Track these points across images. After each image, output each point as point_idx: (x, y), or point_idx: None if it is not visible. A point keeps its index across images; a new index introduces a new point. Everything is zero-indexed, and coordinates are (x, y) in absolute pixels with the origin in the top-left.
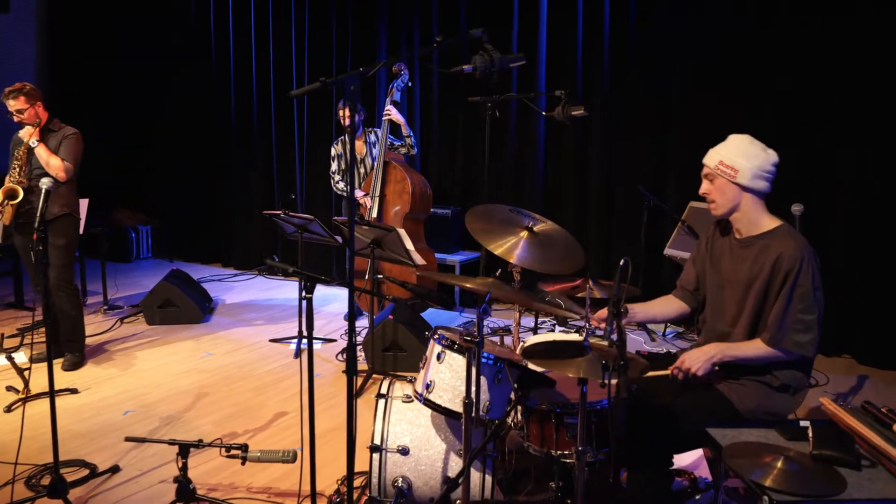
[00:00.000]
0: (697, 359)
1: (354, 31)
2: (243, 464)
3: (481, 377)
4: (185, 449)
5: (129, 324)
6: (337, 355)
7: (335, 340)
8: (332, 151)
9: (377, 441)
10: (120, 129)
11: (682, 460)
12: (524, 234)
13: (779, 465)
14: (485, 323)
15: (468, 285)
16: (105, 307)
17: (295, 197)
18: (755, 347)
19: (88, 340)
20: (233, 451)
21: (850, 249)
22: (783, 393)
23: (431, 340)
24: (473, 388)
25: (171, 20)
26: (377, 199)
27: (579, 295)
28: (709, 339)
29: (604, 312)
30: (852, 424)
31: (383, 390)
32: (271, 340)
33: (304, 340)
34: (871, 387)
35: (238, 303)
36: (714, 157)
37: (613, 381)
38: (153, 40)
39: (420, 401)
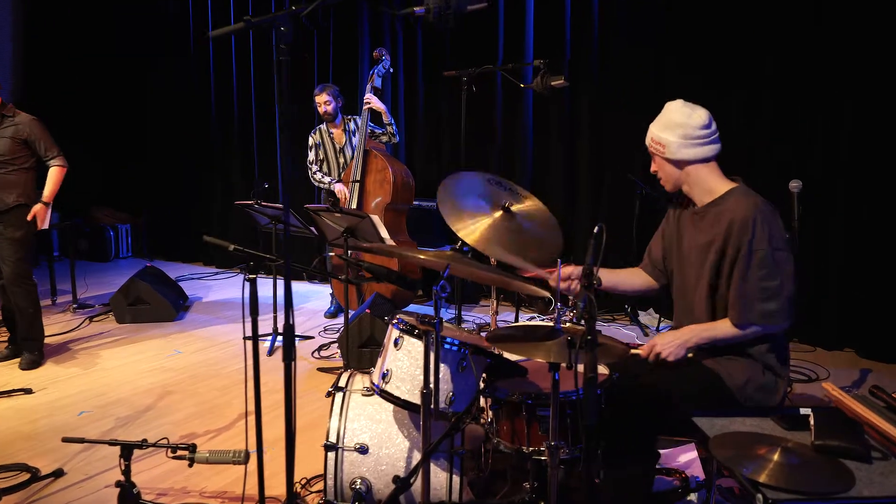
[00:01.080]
0: (669, 342)
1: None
2: (190, 465)
3: (443, 365)
4: (127, 450)
5: (99, 322)
6: (313, 353)
7: (312, 337)
8: (310, 140)
9: (333, 439)
10: (99, 126)
11: (672, 458)
12: (499, 214)
13: (775, 457)
14: (470, 319)
15: (421, 256)
16: (74, 306)
17: (269, 185)
18: (728, 328)
19: (52, 339)
20: (179, 452)
21: (851, 236)
22: (771, 372)
23: (390, 325)
24: (432, 377)
25: (149, 15)
26: (357, 190)
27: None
28: (679, 323)
29: (570, 269)
30: (860, 412)
31: (342, 382)
32: (245, 338)
33: (280, 337)
34: (875, 381)
35: (216, 300)
36: (648, 134)
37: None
38: (131, 35)
39: (376, 392)
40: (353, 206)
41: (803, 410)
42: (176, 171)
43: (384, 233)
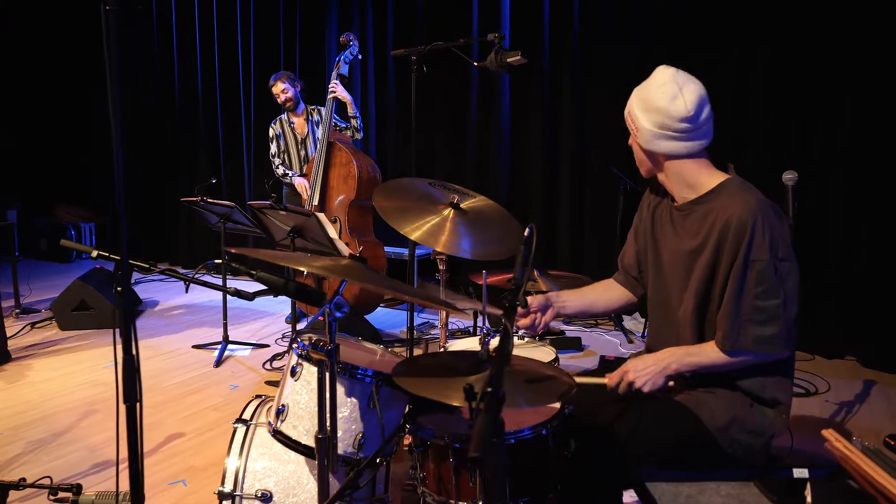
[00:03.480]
0: (646, 369)
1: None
2: None
3: (351, 399)
4: (2, 492)
5: (40, 329)
6: (265, 363)
7: (268, 346)
8: (270, 132)
9: (229, 485)
10: (62, 121)
11: None
12: (449, 212)
13: None
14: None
15: (301, 268)
16: (17, 311)
17: (217, 181)
18: (716, 353)
19: None
20: (61, 494)
21: (853, 233)
22: (762, 405)
23: (290, 349)
24: (329, 417)
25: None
26: (319, 185)
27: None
28: (654, 344)
29: (534, 301)
30: (874, 476)
31: (247, 413)
32: (194, 347)
33: (230, 346)
34: (880, 394)
35: (174, 304)
36: (629, 103)
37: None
38: (94, 28)
39: (271, 433)
40: (315, 203)
41: (797, 472)
42: (142, 168)
43: (332, 232)
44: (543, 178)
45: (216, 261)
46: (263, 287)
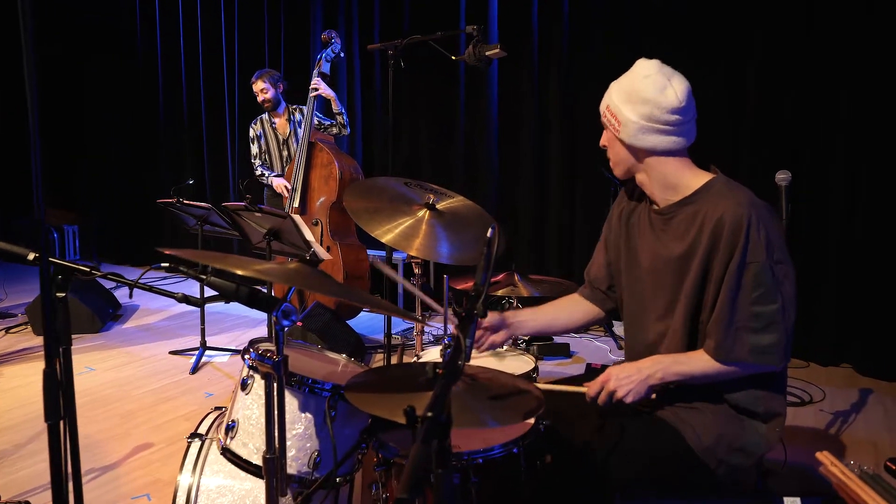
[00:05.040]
0: (628, 378)
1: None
2: None
3: (305, 415)
4: None
5: (15, 334)
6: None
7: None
8: (251, 132)
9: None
10: (48, 122)
11: None
12: (424, 213)
13: None
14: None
15: (238, 271)
16: None
17: (193, 182)
18: (706, 362)
19: None
20: None
21: (849, 236)
22: (754, 419)
23: (242, 359)
24: (276, 435)
25: (95, 8)
26: (300, 186)
27: (500, 292)
28: (631, 359)
29: (492, 317)
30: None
31: (203, 427)
32: (171, 353)
33: (208, 352)
34: (876, 404)
35: (155, 308)
36: (605, 98)
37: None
38: (77, 29)
39: (220, 451)
40: (296, 205)
41: (789, 501)
42: (127, 170)
43: (309, 235)
44: (533, 180)
45: (163, 263)
46: (214, 293)
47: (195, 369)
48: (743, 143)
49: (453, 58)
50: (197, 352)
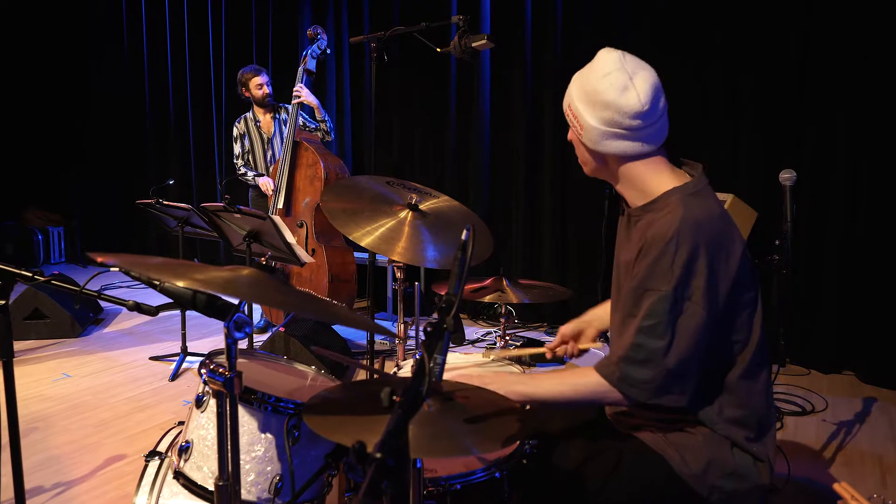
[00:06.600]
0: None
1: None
2: None
3: (265, 436)
4: None
5: None
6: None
7: None
8: (234, 131)
9: None
10: (34, 123)
11: None
12: (406, 214)
13: None
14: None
15: (179, 282)
16: None
17: (173, 182)
18: (558, 384)
19: None
20: None
21: (852, 238)
22: (741, 450)
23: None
24: (231, 458)
25: (81, 9)
26: (284, 187)
27: (486, 298)
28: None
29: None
30: None
31: (163, 445)
32: (151, 358)
33: (189, 358)
34: (881, 413)
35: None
36: (567, 94)
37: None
38: (64, 29)
39: (173, 474)
40: (280, 205)
41: None
42: (112, 171)
43: (290, 237)
44: (525, 181)
45: (112, 268)
46: (168, 300)
47: (175, 376)
48: (742, 143)
49: (438, 50)
50: (177, 358)
